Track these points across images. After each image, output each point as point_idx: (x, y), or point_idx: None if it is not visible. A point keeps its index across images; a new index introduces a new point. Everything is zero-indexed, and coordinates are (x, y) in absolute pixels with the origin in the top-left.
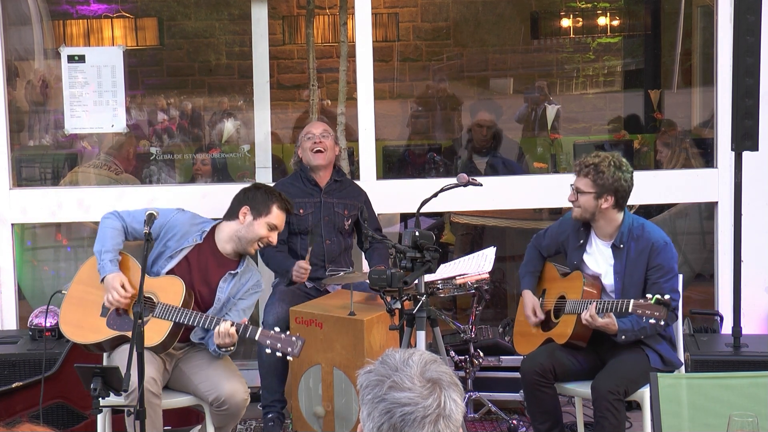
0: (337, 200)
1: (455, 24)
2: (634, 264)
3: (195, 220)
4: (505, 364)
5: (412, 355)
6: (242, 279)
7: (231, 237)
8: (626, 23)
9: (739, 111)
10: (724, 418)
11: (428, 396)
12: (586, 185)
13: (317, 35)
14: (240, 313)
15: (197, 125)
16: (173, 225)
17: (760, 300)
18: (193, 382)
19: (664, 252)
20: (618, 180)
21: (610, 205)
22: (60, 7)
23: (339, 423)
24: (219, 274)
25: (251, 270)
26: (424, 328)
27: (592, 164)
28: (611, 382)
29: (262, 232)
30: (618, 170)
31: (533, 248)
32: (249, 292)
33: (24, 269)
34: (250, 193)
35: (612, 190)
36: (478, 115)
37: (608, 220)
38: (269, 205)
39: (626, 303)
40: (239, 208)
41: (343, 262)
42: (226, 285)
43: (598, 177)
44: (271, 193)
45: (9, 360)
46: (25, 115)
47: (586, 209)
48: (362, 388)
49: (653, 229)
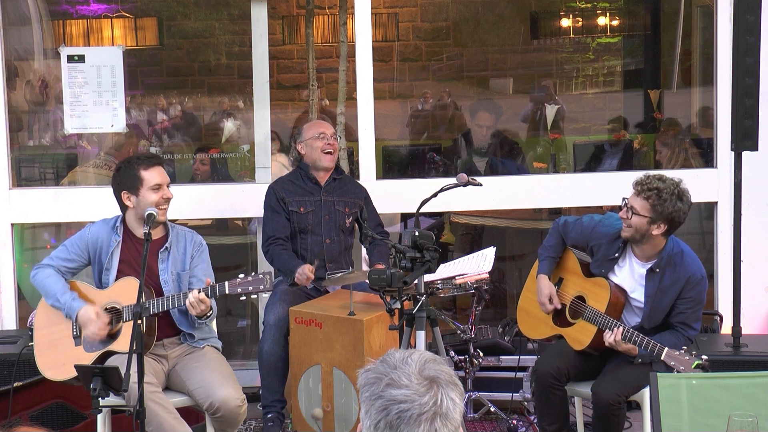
0: (338, 198)
1: (455, 24)
2: (666, 290)
3: (106, 224)
4: (505, 364)
5: (412, 354)
6: (178, 248)
7: (138, 219)
8: (626, 23)
9: (738, 111)
10: (724, 418)
11: (425, 393)
12: (643, 208)
13: (317, 35)
14: (202, 279)
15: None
16: (93, 239)
17: (760, 300)
18: (188, 388)
19: (699, 286)
20: (677, 211)
21: (661, 233)
22: (60, 7)
23: (339, 423)
24: (153, 258)
25: (182, 235)
26: (423, 328)
27: (656, 189)
28: (613, 389)
29: (153, 198)
30: (679, 201)
31: (557, 233)
32: (196, 254)
33: (24, 269)
34: (116, 178)
35: (668, 219)
36: (478, 115)
37: (653, 246)
38: (136, 174)
39: (659, 349)
40: (119, 197)
41: (343, 261)
42: (165, 264)
43: (659, 204)
44: (128, 163)
45: (9, 360)
46: (25, 115)
47: (638, 230)
48: (361, 386)
49: (692, 260)
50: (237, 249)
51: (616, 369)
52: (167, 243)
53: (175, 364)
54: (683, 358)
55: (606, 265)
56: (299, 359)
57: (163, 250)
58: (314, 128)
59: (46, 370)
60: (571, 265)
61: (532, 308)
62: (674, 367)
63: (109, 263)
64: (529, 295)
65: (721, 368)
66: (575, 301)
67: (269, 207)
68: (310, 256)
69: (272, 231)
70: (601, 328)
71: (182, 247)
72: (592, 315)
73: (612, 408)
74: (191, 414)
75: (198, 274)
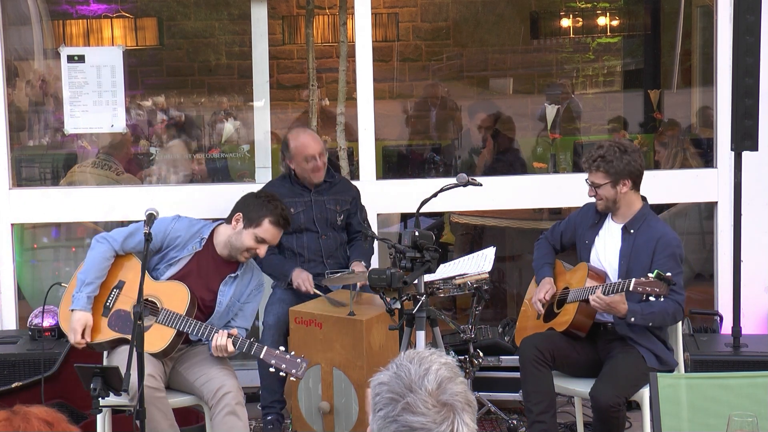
0: (328, 197)
1: (455, 24)
2: (640, 250)
3: (193, 226)
4: (505, 364)
5: (428, 372)
6: (243, 280)
7: (225, 243)
8: (626, 23)
9: (738, 111)
10: (724, 418)
11: (441, 422)
12: (600, 178)
13: (317, 35)
14: (247, 317)
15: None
16: (174, 235)
17: (759, 300)
18: (189, 381)
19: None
20: (629, 163)
21: (629, 188)
22: (60, 7)
23: (339, 423)
24: (219, 279)
25: (251, 270)
26: (423, 328)
27: (599, 156)
28: (611, 392)
29: (249, 242)
30: (624, 154)
31: (546, 243)
32: (253, 293)
33: (24, 269)
34: (250, 199)
35: (626, 174)
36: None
37: (628, 204)
38: (262, 217)
39: (628, 282)
40: (235, 212)
41: (340, 257)
42: (227, 288)
43: (609, 166)
44: (269, 203)
45: (9, 360)
46: (25, 115)
47: (608, 199)
48: (374, 399)
49: (667, 227)
50: None
51: (614, 371)
52: (239, 271)
53: (175, 362)
54: (648, 280)
55: (588, 233)
56: None
57: (234, 276)
58: (301, 150)
59: (64, 321)
60: (558, 269)
61: (525, 323)
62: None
63: (176, 262)
64: (525, 310)
65: (720, 368)
66: (561, 293)
67: None
68: (307, 254)
69: None
70: (582, 299)
71: (247, 280)
72: (574, 294)
73: (612, 410)
74: (191, 414)
75: (245, 312)
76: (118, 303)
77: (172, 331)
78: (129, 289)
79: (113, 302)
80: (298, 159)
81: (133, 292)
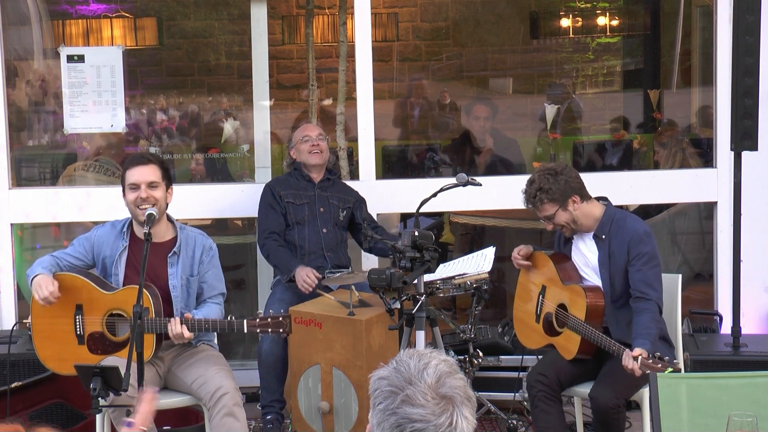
0: (331, 194)
1: (455, 24)
2: (616, 254)
3: (115, 227)
4: (505, 364)
5: (428, 366)
6: (187, 252)
7: (137, 224)
8: (625, 23)
9: (738, 111)
10: (724, 419)
11: (441, 414)
12: (548, 209)
13: (317, 35)
14: (214, 284)
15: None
16: (99, 241)
17: (759, 300)
18: (187, 383)
19: (645, 240)
20: (566, 182)
21: (579, 203)
22: (59, 6)
23: (338, 423)
24: (162, 263)
25: (192, 237)
26: (423, 328)
27: (537, 190)
28: (610, 393)
29: (131, 197)
30: (553, 176)
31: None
32: (204, 260)
33: (23, 269)
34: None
35: (569, 191)
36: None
37: (585, 215)
38: (123, 174)
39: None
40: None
41: (341, 253)
42: (175, 269)
43: (550, 194)
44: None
45: (9, 360)
46: (25, 114)
47: (568, 222)
48: (373, 393)
49: (633, 220)
50: (237, 249)
51: (612, 372)
52: (176, 247)
53: (171, 365)
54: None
55: (566, 249)
56: (299, 359)
57: (172, 255)
58: (300, 132)
59: (46, 360)
60: (551, 275)
61: (525, 317)
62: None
63: (116, 268)
64: (520, 304)
65: (720, 368)
66: (559, 310)
67: (266, 203)
68: (307, 246)
69: (268, 226)
70: (584, 337)
71: (191, 251)
72: (574, 324)
73: (612, 412)
74: (191, 414)
75: (209, 280)
76: (88, 327)
77: (152, 336)
78: (90, 309)
79: (82, 328)
80: (297, 143)
81: (95, 310)
